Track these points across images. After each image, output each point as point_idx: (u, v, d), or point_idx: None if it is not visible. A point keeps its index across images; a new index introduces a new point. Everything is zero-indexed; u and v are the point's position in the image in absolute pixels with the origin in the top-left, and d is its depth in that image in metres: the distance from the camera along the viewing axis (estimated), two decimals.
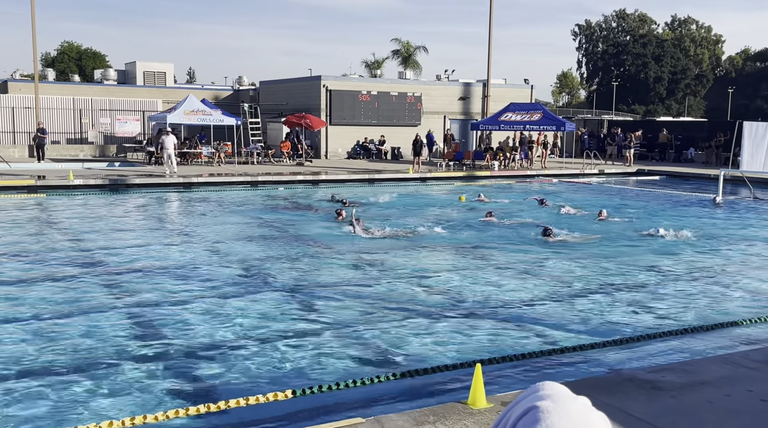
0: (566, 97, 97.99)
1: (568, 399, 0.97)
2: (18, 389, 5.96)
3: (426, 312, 8.58)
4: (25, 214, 17.01)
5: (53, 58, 67.02)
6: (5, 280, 9.87)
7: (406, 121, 34.86)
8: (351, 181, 25.16)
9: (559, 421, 0.92)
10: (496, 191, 23.06)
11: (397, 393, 6.01)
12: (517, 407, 0.99)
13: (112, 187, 21.67)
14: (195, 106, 27.61)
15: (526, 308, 8.88)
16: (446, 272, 10.95)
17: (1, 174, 22.86)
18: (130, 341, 7.32)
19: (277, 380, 6.25)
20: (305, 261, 11.63)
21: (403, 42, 54.92)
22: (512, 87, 39.54)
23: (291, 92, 35.68)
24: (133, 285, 9.74)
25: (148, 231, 14.64)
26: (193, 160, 28.71)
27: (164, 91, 38.08)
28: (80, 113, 33.56)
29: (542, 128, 30.84)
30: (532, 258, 12.07)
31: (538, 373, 6.55)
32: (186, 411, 5.30)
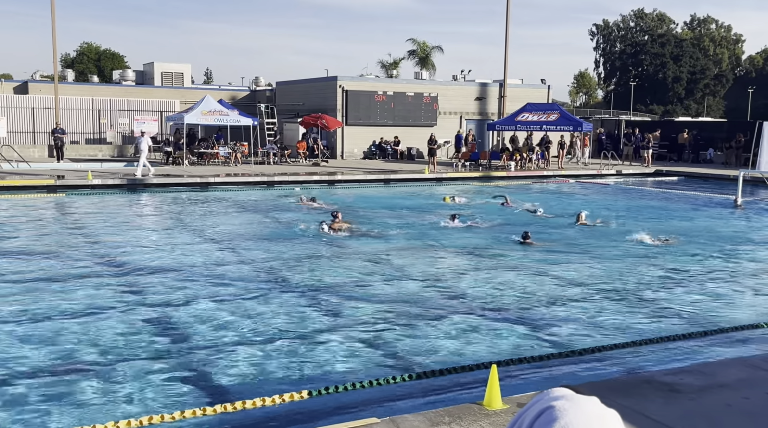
0: (583, 97, 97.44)
1: (582, 398, 0.99)
2: (36, 387, 6.03)
3: (441, 313, 8.57)
4: (45, 213, 17.20)
5: (73, 58, 67.73)
6: (24, 279, 9.99)
7: (421, 122, 34.84)
8: (366, 181, 25.18)
9: (575, 419, 0.94)
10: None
11: (412, 394, 6.01)
12: (531, 409, 1.01)
13: (130, 187, 21.86)
14: (212, 107, 27.78)
15: (542, 310, 8.84)
16: (459, 273, 10.93)
17: (22, 174, 23.13)
18: (147, 340, 7.38)
19: (294, 380, 6.28)
20: (320, 262, 11.66)
21: (419, 42, 54.92)
22: (529, 87, 39.39)
23: (307, 93, 35.79)
24: (150, 285, 9.82)
25: (166, 231, 14.75)
26: (210, 160, 28.89)
27: (182, 91, 38.36)
28: (99, 113, 33.90)
29: (559, 128, 30.70)
30: (545, 260, 12.01)
31: (554, 375, 6.52)
32: (203, 410, 5.33)
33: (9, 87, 36.12)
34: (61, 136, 28.28)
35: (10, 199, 19.17)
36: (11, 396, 5.83)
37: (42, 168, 25.16)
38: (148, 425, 5.12)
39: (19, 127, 31.94)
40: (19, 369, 6.47)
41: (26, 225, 15.18)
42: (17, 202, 18.67)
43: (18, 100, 32.88)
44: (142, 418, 5.18)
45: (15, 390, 5.95)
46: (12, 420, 5.39)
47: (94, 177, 21.64)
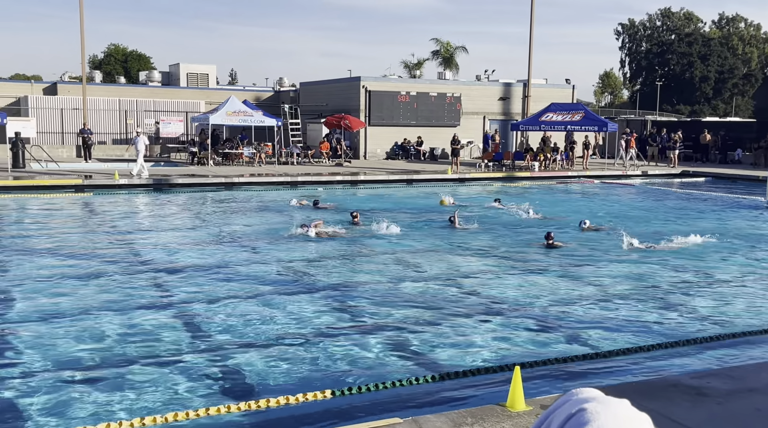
0: (609, 97, 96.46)
1: (614, 401, 0.97)
2: (62, 383, 6.13)
3: (463, 314, 8.55)
4: (73, 212, 17.47)
5: (100, 60, 68.64)
6: (51, 276, 10.15)
7: (445, 122, 34.76)
8: (389, 181, 25.19)
9: (607, 422, 0.93)
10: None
11: (435, 395, 6.00)
12: (560, 411, 0.99)
13: (156, 186, 22.10)
14: (237, 107, 27.98)
15: (565, 311, 8.77)
16: (480, 275, 10.88)
17: (51, 173, 23.51)
18: (171, 337, 7.46)
19: (317, 380, 6.30)
20: (342, 262, 11.69)
21: (442, 42, 54.79)
22: (553, 87, 39.10)
23: (330, 93, 35.90)
24: (174, 283, 9.92)
25: (190, 230, 14.89)
26: (234, 161, 29.10)
27: (207, 92, 38.69)
28: (126, 114, 34.32)
29: (584, 128, 30.44)
30: (566, 261, 11.92)
31: (578, 377, 6.47)
32: (227, 408, 5.38)
33: (39, 88, 36.72)
34: (89, 136, 28.68)
35: (39, 198, 19.50)
36: (41, 391, 5.92)
37: (70, 168, 25.54)
38: (173, 421, 5.18)
39: (49, 127, 32.46)
40: (48, 364, 6.58)
41: (54, 223, 15.42)
42: (46, 201, 18.98)
43: (47, 100, 33.42)
44: (167, 415, 5.24)
45: (45, 385, 6.05)
46: (41, 413, 5.49)
47: (121, 177, 21.91)
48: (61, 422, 5.36)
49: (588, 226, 15.13)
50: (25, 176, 22.30)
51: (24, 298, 8.94)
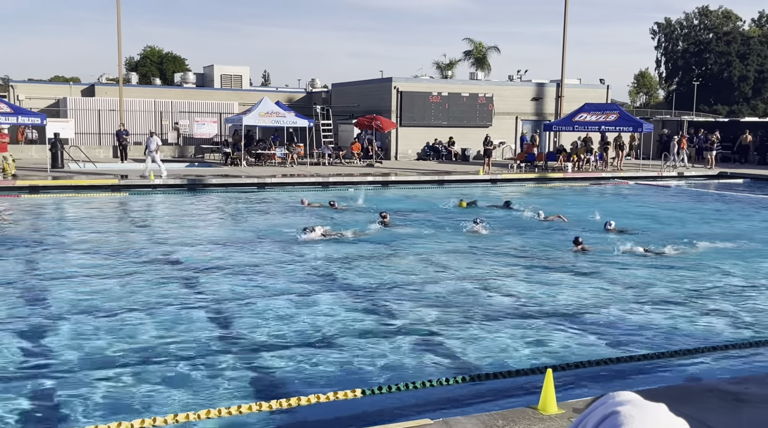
0: (644, 97, 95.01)
1: (649, 405, 0.95)
2: (95, 380, 6.24)
3: (494, 316, 8.49)
4: (109, 212, 17.79)
5: (136, 62, 69.79)
6: (87, 274, 10.35)
7: (476, 122, 34.59)
8: (420, 182, 25.16)
9: (642, 425, 0.91)
10: None
11: (465, 396, 5.98)
12: (595, 413, 0.98)
13: (190, 186, 22.40)
14: (269, 108, 28.21)
15: (599, 314, 8.66)
16: (510, 277, 10.80)
17: (88, 173, 23.98)
18: (203, 336, 7.55)
19: (347, 379, 6.32)
20: (373, 263, 11.71)
21: (475, 42, 54.52)
22: (587, 87, 38.65)
23: (362, 94, 35.99)
24: (205, 282, 10.05)
25: (223, 230, 15.05)
26: (266, 161, 29.35)
27: (240, 93, 39.09)
28: (161, 115, 34.85)
29: (618, 129, 30.03)
30: (596, 264, 11.76)
31: (612, 381, 6.38)
32: (259, 406, 5.43)
33: (77, 90, 37.48)
34: (125, 137, 29.19)
35: (77, 197, 19.91)
36: (73, 386, 6.04)
37: (107, 168, 26.03)
38: (205, 418, 5.24)
39: (86, 128, 33.12)
40: (82, 359, 6.71)
41: (91, 222, 15.73)
42: (84, 201, 19.37)
43: (85, 102, 34.10)
44: (200, 412, 5.31)
45: (77, 380, 6.17)
46: (72, 407, 5.60)
47: (156, 177, 22.25)
48: (93, 417, 5.46)
49: (613, 228, 14.84)
50: (64, 176, 22.78)
51: (60, 295, 9.13)
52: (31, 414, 5.57)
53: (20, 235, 13.72)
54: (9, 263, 11.11)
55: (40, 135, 29.87)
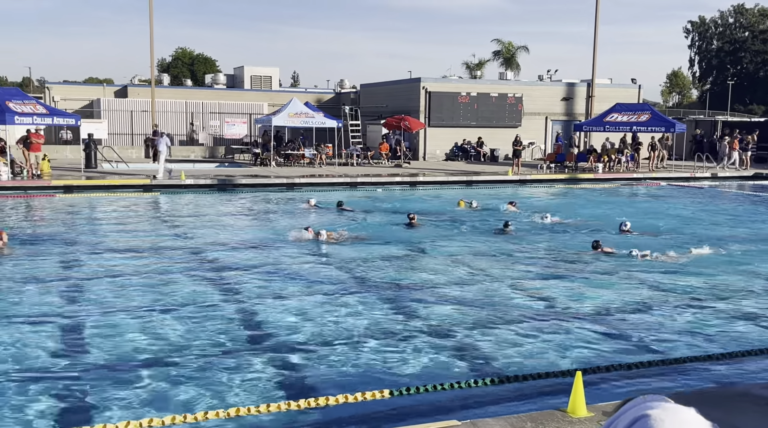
0: (676, 97, 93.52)
1: (679, 408, 0.95)
2: (127, 377, 6.35)
3: (523, 318, 8.45)
4: (141, 211, 18.06)
5: (168, 63, 70.71)
6: (118, 273, 10.53)
7: (506, 123, 34.40)
8: (448, 182, 25.10)
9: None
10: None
11: (493, 398, 5.96)
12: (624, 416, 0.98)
13: (220, 186, 22.64)
14: (298, 109, 28.38)
15: (629, 317, 8.56)
16: (538, 279, 10.72)
17: (121, 173, 24.38)
18: (230, 335, 7.63)
19: (376, 379, 6.34)
20: (399, 263, 11.72)
21: (504, 42, 54.23)
22: (618, 87, 38.20)
23: (391, 94, 36.02)
24: (234, 281, 10.15)
25: (252, 230, 15.18)
26: (295, 162, 29.54)
27: (270, 94, 39.40)
28: (192, 116, 35.28)
29: (650, 129, 29.63)
30: (622, 266, 11.62)
31: (643, 384, 6.31)
32: (288, 404, 5.47)
33: (110, 91, 38.13)
34: (157, 137, 29.59)
35: (109, 196, 20.26)
36: (105, 383, 6.16)
37: (139, 168, 26.42)
38: (234, 415, 5.30)
39: (119, 129, 33.67)
40: (114, 358, 6.83)
41: (123, 222, 16.00)
42: (116, 200, 19.70)
43: (118, 103, 34.67)
44: (230, 410, 5.37)
45: (109, 376, 6.28)
46: (100, 403, 5.70)
47: (187, 177, 22.54)
48: (122, 413, 5.55)
49: (628, 229, 14.53)
50: (97, 176, 23.19)
51: (93, 292, 9.30)
52: (57, 410, 5.68)
53: (54, 234, 14.00)
54: (43, 261, 11.35)
55: (74, 135, 30.43)
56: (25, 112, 21.95)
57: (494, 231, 14.68)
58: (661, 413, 0.94)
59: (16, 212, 17.39)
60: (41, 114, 22.64)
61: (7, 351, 6.95)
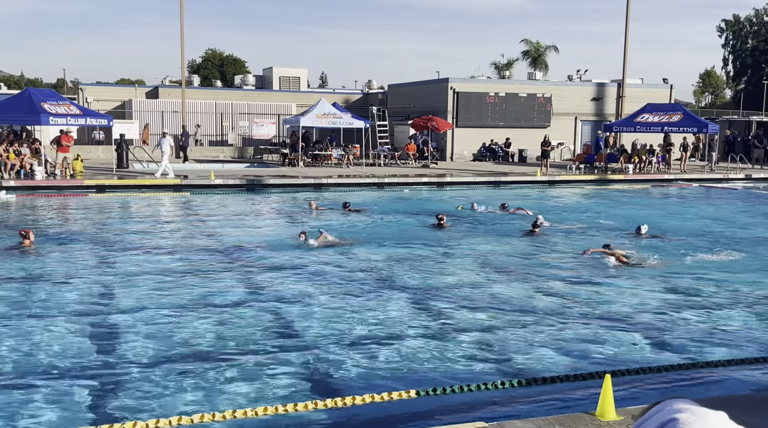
0: (709, 97, 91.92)
1: (709, 412, 0.94)
2: (155, 375, 6.43)
3: (551, 320, 8.37)
4: (170, 210, 18.30)
5: (198, 64, 71.54)
6: (148, 271, 10.67)
7: (534, 123, 34.15)
8: (476, 183, 25.00)
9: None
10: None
11: (521, 400, 5.92)
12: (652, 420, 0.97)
13: (248, 186, 22.83)
14: (326, 110, 28.50)
15: (660, 320, 8.44)
16: (565, 280, 10.62)
17: (151, 173, 24.71)
18: (257, 334, 7.69)
19: (402, 379, 6.34)
20: (428, 264, 11.69)
21: (532, 42, 53.87)
22: (649, 87, 37.69)
23: (418, 95, 35.98)
24: (262, 281, 10.22)
25: (280, 229, 15.27)
26: (323, 162, 29.67)
27: (298, 95, 39.63)
28: (221, 117, 35.64)
29: (682, 130, 29.17)
30: (651, 269, 11.46)
31: (673, 388, 6.22)
32: (315, 404, 5.50)
33: (142, 92, 38.68)
34: (186, 137, 29.97)
35: (140, 196, 20.56)
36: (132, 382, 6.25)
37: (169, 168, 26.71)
38: (263, 415, 5.34)
39: (150, 129, 34.13)
40: (142, 356, 6.93)
41: (153, 221, 16.22)
42: (147, 200, 19.98)
43: (149, 104, 35.16)
44: (258, 409, 5.41)
45: (139, 374, 6.38)
46: (135, 399, 5.79)
47: (216, 177, 22.77)
48: (152, 410, 5.63)
49: (645, 233, 14.05)
50: (128, 176, 23.54)
51: (123, 291, 9.45)
52: (87, 406, 5.78)
53: (85, 232, 14.24)
54: (73, 259, 11.55)
55: (106, 136, 30.93)
56: (59, 113, 22.38)
57: (522, 232, 14.58)
58: (690, 417, 0.92)
59: (49, 211, 17.73)
60: (75, 115, 23.06)
61: (34, 348, 7.09)
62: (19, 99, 23.26)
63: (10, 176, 21.42)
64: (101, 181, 22.12)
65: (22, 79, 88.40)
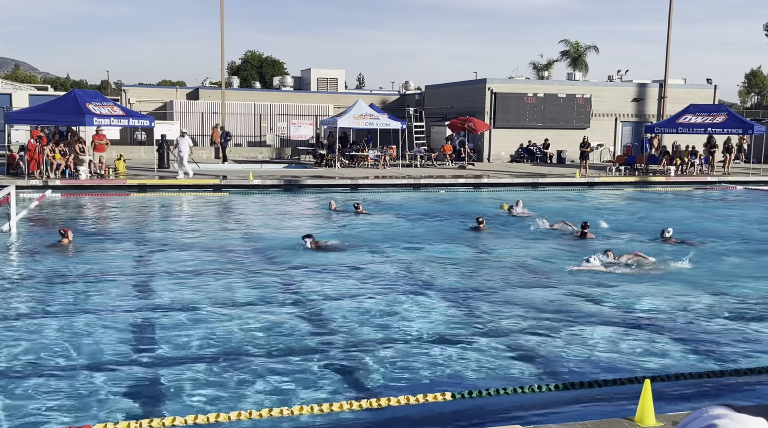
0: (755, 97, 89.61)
1: (748, 419, 0.92)
2: (189, 373, 6.53)
3: (588, 323, 8.26)
4: (210, 210, 18.56)
5: (238, 66, 72.43)
6: (186, 271, 10.84)
7: (573, 124, 33.74)
8: (513, 185, 24.80)
9: None
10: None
11: (558, 404, 5.85)
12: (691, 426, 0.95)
13: (286, 187, 23.04)
14: (363, 111, 28.59)
15: (702, 324, 8.26)
16: (604, 284, 10.46)
17: (195, 173, 25.10)
18: (294, 333, 7.75)
19: (437, 381, 6.33)
20: (466, 266, 11.64)
21: (572, 43, 53.22)
22: (692, 87, 36.92)
23: (455, 95, 35.85)
24: (299, 279, 10.30)
25: (316, 230, 15.36)
26: (360, 163, 29.77)
27: (335, 96, 39.82)
28: (260, 118, 36.02)
29: (726, 131, 28.50)
30: (695, 272, 11.21)
31: (714, 394, 6.08)
32: (350, 404, 5.52)
33: (182, 93, 39.31)
34: (227, 139, 30.36)
35: (181, 196, 20.91)
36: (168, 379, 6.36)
37: (209, 168, 27.15)
38: (298, 414, 5.39)
39: (190, 130, 34.69)
40: (182, 353, 7.04)
41: (194, 220, 16.48)
42: (187, 199, 20.31)
43: (190, 105, 35.71)
44: (294, 407, 5.46)
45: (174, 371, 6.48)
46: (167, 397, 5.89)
47: (254, 177, 23.03)
48: (185, 407, 5.72)
49: (670, 237, 13.52)
50: (169, 176, 23.95)
51: (162, 290, 9.61)
52: (122, 402, 5.89)
53: (125, 231, 14.54)
54: (113, 257, 11.79)
55: (148, 136, 31.52)
56: (103, 114, 22.90)
57: (573, 234, 14.36)
58: (729, 423, 0.91)
59: (92, 209, 18.15)
60: (118, 115, 23.55)
61: (74, 344, 7.26)
62: (65, 100, 23.85)
63: (56, 176, 21.98)
64: (143, 180, 22.56)
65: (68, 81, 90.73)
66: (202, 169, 26.69)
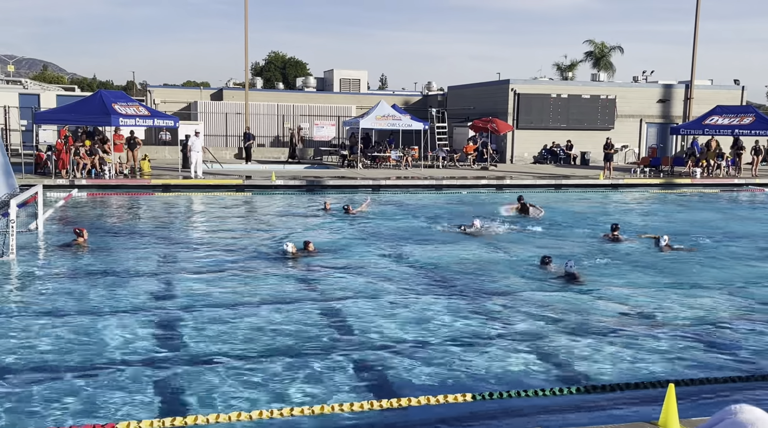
0: None
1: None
2: (207, 371, 6.58)
3: (613, 326, 8.18)
4: (234, 210, 18.69)
5: (261, 67, 72.89)
6: (210, 269, 10.92)
7: (597, 125, 33.44)
8: (536, 186, 24.65)
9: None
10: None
11: (580, 407, 5.81)
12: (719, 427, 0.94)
13: (308, 187, 23.12)
14: (386, 112, 28.60)
15: (727, 328, 8.14)
16: (629, 286, 10.35)
17: (215, 174, 25.32)
18: (314, 333, 7.77)
19: (459, 383, 6.31)
20: (487, 268, 11.59)
21: (596, 43, 52.74)
22: (719, 88, 36.40)
23: (478, 96, 35.72)
24: (320, 279, 10.33)
25: (338, 230, 15.40)
26: (382, 163, 29.79)
27: (358, 97, 39.88)
28: (283, 118, 36.20)
29: (754, 133, 28.04)
30: (721, 276, 11.04)
31: (738, 399, 5.98)
32: (371, 404, 5.53)
33: (206, 94, 39.63)
34: (251, 141, 30.57)
35: (205, 196, 21.09)
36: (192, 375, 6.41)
37: (232, 169, 27.35)
38: (319, 413, 5.40)
39: (214, 130, 34.98)
40: (208, 350, 7.10)
41: (218, 219, 16.60)
42: (211, 199, 20.48)
43: (214, 106, 36.00)
44: (314, 407, 5.48)
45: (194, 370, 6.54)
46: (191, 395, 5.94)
47: (277, 177, 23.14)
48: (205, 406, 5.76)
49: (667, 244, 12.96)
50: (193, 176, 24.15)
51: (184, 288, 9.70)
52: (141, 400, 5.95)
53: (152, 230, 14.69)
54: (127, 256, 11.92)
55: (172, 136, 31.82)
56: (128, 114, 23.17)
57: (602, 236, 14.22)
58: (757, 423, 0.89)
59: (116, 209, 18.38)
60: (143, 116, 23.81)
61: (94, 342, 7.35)
62: (91, 100, 24.17)
63: (82, 175, 22.30)
64: (167, 180, 22.79)
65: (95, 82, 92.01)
66: (226, 169, 26.89)
